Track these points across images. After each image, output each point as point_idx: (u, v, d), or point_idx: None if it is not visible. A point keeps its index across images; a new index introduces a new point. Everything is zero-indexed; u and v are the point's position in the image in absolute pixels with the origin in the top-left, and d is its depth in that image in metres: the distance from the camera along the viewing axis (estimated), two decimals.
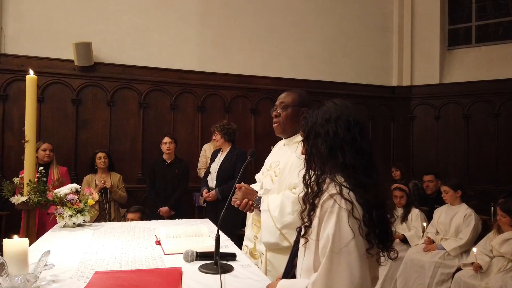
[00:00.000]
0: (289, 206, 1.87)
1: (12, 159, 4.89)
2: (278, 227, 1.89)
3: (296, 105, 2.09)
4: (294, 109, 2.08)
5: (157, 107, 5.58)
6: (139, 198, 5.31)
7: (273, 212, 1.90)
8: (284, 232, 1.88)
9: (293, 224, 1.82)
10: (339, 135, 1.27)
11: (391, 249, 1.28)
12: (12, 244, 1.37)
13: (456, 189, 4.09)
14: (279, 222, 1.89)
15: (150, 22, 5.52)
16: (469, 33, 6.71)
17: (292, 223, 1.84)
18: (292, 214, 1.84)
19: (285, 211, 1.88)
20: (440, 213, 4.22)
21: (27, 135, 2.58)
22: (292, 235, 1.80)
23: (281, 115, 2.10)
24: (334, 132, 1.27)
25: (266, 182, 2.14)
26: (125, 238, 2.22)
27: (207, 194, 4.18)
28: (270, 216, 1.91)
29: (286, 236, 1.87)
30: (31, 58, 4.92)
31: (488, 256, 3.53)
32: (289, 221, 1.86)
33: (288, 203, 1.88)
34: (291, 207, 1.86)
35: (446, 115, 6.60)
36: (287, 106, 2.09)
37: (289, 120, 2.09)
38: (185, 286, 1.41)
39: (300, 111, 2.07)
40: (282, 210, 1.88)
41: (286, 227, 1.88)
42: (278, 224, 1.89)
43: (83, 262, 1.72)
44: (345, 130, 1.27)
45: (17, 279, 1.31)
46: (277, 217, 1.89)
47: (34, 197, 2.55)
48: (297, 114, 2.08)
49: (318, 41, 6.35)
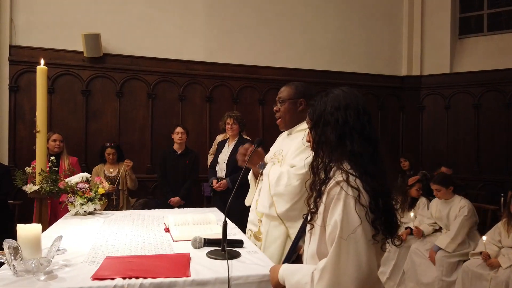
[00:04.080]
0: (285, 178, 2.02)
1: (23, 149, 4.97)
2: (271, 193, 2.04)
3: (292, 98, 2.21)
4: (290, 102, 2.21)
5: (165, 98, 5.61)
6: (149, 188, 5.37)
7: (271, 179, 2.06)
8: (274, 200, 2.03)
9: (284, 195, 2.00)
10: (349, 123, 1.27)
11: (395, 236, 1.29)
12: (25, 229, 1.41)
13: (447, 186, 4.01)
14: (273, 188, 2.04)
15: (158, 13, 5.53)
16: (480, 21, 6.59)
17: (283, 193, 2.01)
18: (285, 186, 2.00)
19: (280, 182, 2.02)
20: (436, 205, 4.17)
21: (38, 126, 2.62)
22: (280, 204, 2.00)
23: (280, 110, 2.23)
24: (344, 120, 1.28)
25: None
26: (134, 225, 2.26)
27: (218, 184, 4.21)
28: (268, 181, 2.07)
29: (275, 203, 2.03)
30: (41, 50, 4.97)
31: (497, 246, 3.52)
32: (280, 191, 2.01)
33: (285, 176, 2.02)
34: (286, 180, 2.01)
35: (456, 105, 6.51)
36: (284, 101, 2.22)
37: (288, 114, 2.22)
38: (193, 271, 1.44)
39: (298, 102, 2.20)
40: (278, 180, 2.03)
41: (277, 195, 2.03)
42: (271, 190, 2.04)
43: (94, 247, 1.76)
44: (354, 118, 1.28)
45: (31, 262, 1.35)
46: (272, 184, 2.05)
47: (46, 186, 2.61)
48: (294, 106, 2.21)
49: (326, 30, 6.29)
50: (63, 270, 1.44)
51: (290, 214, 1.99)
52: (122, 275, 1.36)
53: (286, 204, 2.00)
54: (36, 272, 1.36)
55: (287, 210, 2.00)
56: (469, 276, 3.52)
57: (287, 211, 2.00)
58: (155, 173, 5.14)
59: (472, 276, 3.50)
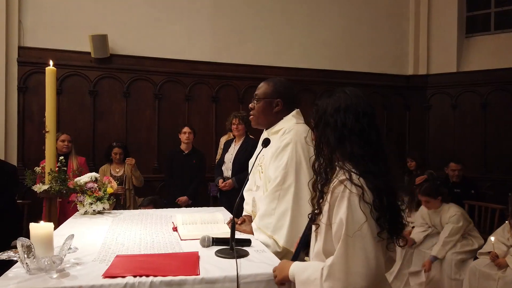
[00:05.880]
0: (268, 215, 1.92)
1: (32, 150, 5.02)
2: (268, 234, 1.91)
3: (267, 97, 2.08)
4: (265, 101, 2.08)
5: (171, 98, 5.65)
6: (156, 188, 5.41)
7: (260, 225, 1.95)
8: (274, 238, 1.89)
9: (280, 228, 1.90)
10: (347, 126, 1.29)
11: (400, 236, 1.30)
12: (38, 227, 1.44)
13: (436, 196, 3.98)
14: (270, 231, 1.91)
15: (165, 14, 5.56)
16: (487, 20, 6.54)
17: (276, 226, 1.90)
18: (273, 218, 1.91)
19: (265, 219, 1.93)
20: (427, 215, 4.11)
21: (47, 126, 2.65)
22: (280, 236, 1.87)
23: (255, 107, 2.12)
24: (342, 123, 1.30)
25: (257, 178, 2.18)
26: (143, 224, 2.29)
27: (223, 184, 4.23)
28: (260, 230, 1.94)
29: (276, 240, 1.89)
30: (49, 51, 5.02)
31: (506, 245, 3.50)
32: (273, 225, 1.90)
33: (267, 213, 1.93)
34: (270, 214, 1.92)
35: (463, 104, 6.47)
36: (259, 99, 2.10)
37: (261, 113, 2.11)
38: (202, 269, 1.45)
39: (274, 102, 2.08)
40: (263, 218, 1.95)
41: (273, 231, 1.90)
42: (268, 231, 1.92)
43: (104, 246, 1.79)
44: (353, 121, 1.29)
45: (44, 260, 1.37)
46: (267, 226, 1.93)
47: (56, 186, 2.64)
48: (269, 106, 2.08)
49: (331, 30, 6.28)
50: (74, 268, 1.46)
51: (293, 238, 1.81)
52: (133, 273, 1.38)
53: (284, 232, 1.88)
54: (48, 270, 1.39)
55: (289, 235, 1.87)
56: (476, 275, 3.51)
57: (289, 238, 1.86)
58: (162, 172, 5.18)
59: (480, 276, 3.49)
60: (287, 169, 1.93)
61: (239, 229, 2.05)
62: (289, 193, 1.91)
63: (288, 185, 1.92)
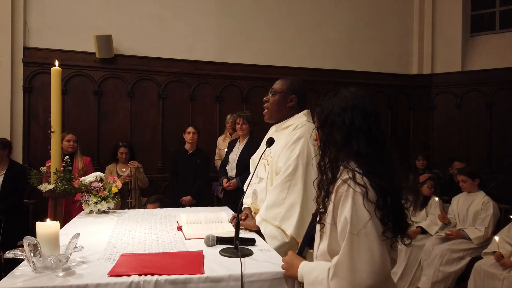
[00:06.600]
0: (277, 205, 1.98)
1: (37, 149, 5.06)
2: (275, 224, 1.97)
3: (284, 92, 2.17)
4: (281, 95, 2.17)
5: (175, 98, 5.66)
6: (160, 187, 5.42)
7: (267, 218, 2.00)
8: (282, 228, 1.95)
9: (288, 218, 1.96)
10: (355, 125, 1.29)
11: (405, 235, 1.30)
12: (44, 226, 1.45)
13: (474, 178, 4.04)
14: (277, 222, 1.98)
15: (169, 13, 5.58)
16: (492, 19, 6.50)
17: (284, 216, 1.96)
18: (282, 208, 1.97)
19: (274, 209, 1.99)
20: (458, 200, 4.18)
21: (53, 126, 2.67)
22: (288, 226, 1.94)
23: (269, 100, 2.18)
24: (350, 122, 1.30)
25: (260, 170, 2.21)
26: (148, 224, 2.30)
27: (228, 183, 4.24)
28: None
29: (284, 229, 1.95)
30: (54, 51, 5.05)
31: (511, 245, 3.48)
32: (281, 215, 1.96)
33: (276, 204, 1.99)
34: (278, 204, 1.98)
35: (468, 103, 6.44)
36: (275, 93, 2.17)
37: (275, 106, 2.18)
38: (207, 268, 1.46)
39: (289, 98, 2.16)
40: (272, 209, 2.00)
41: (281, 221, 1.97)
42: (275, 222, 1.98)
43: (109, 245, 1.80)
44: (361, 120, 1.29)
45: (50, 259, 1.39)
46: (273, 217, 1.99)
47: (61, 185, 2.65)
48: (284, 100, 2.16)
49: (336, 29, 6.27)
50: (80, 266, 1.47)
51: (301, 230, 1.85)
52: (138, 271, 1.39)
53: (293, 222, 1.93)
54: (54, 268, 1.40)
55: (298, 226, 1.92)
56: (481, 275, 3.50)
57: (298, 227, 1.91)
58: (166, 172, 5.19)
59: (485, 276, 3.47)
60: (298, 160, 1.98)
61: (243, 224, 2.08)
62: (299, 183, 1.96)
63: (299, 176, 1.96)
